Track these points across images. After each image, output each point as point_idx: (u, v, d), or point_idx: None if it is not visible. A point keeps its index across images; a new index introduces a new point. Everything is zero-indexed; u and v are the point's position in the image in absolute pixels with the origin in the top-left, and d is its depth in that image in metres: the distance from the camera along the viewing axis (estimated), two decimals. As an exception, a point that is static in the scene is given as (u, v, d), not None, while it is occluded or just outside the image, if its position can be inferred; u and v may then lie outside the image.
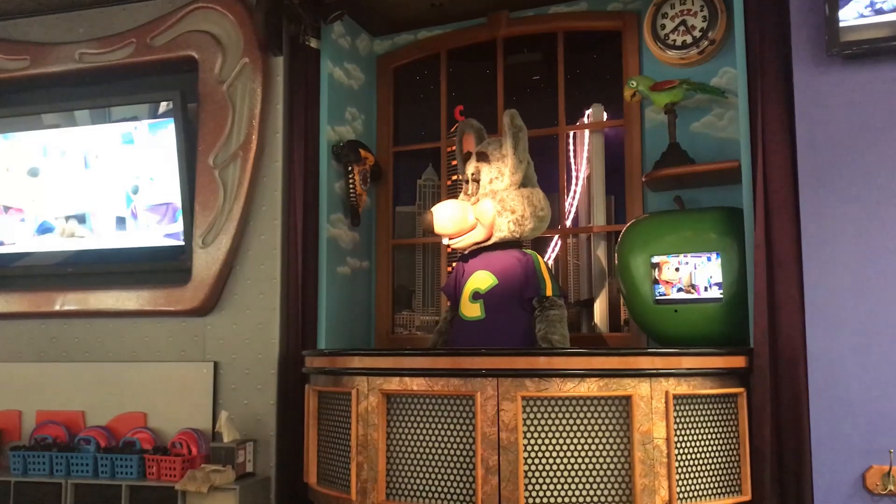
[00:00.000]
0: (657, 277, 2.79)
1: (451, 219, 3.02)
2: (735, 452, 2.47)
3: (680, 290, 2.76)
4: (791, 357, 2.43)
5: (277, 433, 3.17)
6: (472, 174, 3.11)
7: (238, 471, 3.03)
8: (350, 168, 3.39)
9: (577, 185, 3.50)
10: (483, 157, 3.09)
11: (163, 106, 3.40)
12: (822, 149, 2.46)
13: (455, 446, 2.38)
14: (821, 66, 2.46)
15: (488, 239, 3.02)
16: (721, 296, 2.70)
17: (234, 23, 3.35)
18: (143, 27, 3.49)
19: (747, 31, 2.62)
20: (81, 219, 3.56)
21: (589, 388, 2.31)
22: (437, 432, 2.42)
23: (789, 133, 2.51)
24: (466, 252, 3.12)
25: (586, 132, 3.47)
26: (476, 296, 3.00)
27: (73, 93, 3.67)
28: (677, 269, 2.76)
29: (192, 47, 3.41)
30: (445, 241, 3.14)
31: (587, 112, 3.48)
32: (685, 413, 2.38)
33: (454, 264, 3.23)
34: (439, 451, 2.40)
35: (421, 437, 2.44)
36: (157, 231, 3.45)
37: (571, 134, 3.50)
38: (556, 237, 3.47)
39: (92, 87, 3.66)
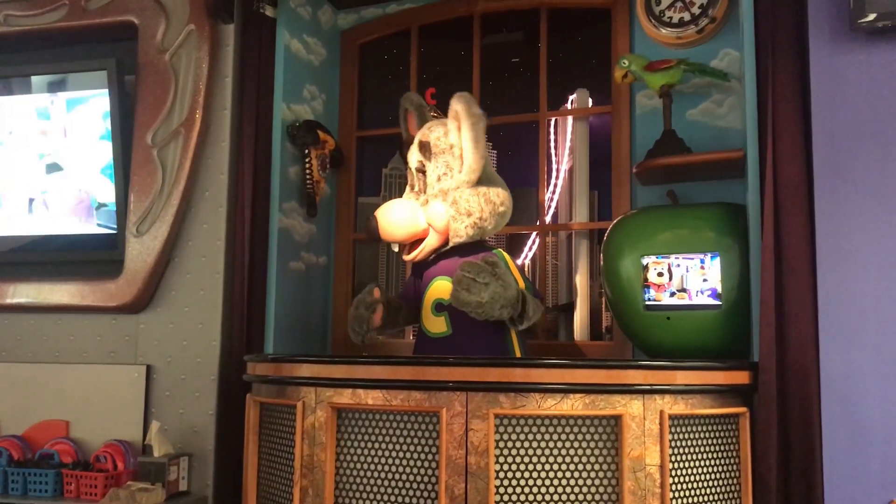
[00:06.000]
0: (648, 280, 2.48)
1: (399, 223, 2.60)
2: (735, 482, 2.16)
3: (673, 294, 2.46)
4: (801, 373, 2.12)
5: (216, 447, 2.82)
6: (417, 167, 2.69)
7: (169, 490, 2.68)
8: (307, 151, 3.04)
9: (557, 177, 3.19)
10: (425, 150, 2.66)
11: (88, 79, 3.02)
12: (842, 137, 2.16)
13: (415, 471, 2.05)
14: (842, 41, 2.15)
15: (445, 244, 2.63)
16: (719, 302, 2.41)
17: (179, -15, 3.00)
18: (77, -12, 3.11)
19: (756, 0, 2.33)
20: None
21: (573, 405, 1.99)
22: (394, 454, 2.09)
23: (803, 119, 2.21)
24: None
25: (569, 120, 3.17)
26: (439, 307, 2.59)
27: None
28: (660, 274, 2.46)
29: (132, 11, 3.03)
30: (396, 249, 2.75)
31: (571, 98, 3.18)
32: (681, 436, 2.08)
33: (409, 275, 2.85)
34: (397, 477, 2.07)
35: (376, 460, 2.11)
36: (77, 217, 3.08)
37: (552, 122, 3.19)
38: (534, 234, 3.16)
39: (18, 54, 3.26)
